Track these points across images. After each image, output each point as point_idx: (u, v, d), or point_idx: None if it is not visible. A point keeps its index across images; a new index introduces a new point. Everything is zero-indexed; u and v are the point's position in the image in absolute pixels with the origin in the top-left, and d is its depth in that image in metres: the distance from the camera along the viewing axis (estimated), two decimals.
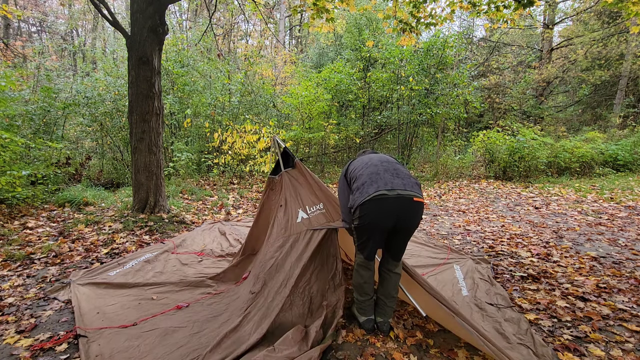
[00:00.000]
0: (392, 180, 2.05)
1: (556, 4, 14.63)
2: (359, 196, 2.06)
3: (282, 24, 15.51)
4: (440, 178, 9.81)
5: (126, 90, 6.97)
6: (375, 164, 2.21)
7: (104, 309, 2.48)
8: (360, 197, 2.05)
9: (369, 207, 2.01)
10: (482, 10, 4.76)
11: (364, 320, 2.27)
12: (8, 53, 9.30)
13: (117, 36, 14.05)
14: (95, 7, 4.57)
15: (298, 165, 2.97)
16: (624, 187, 7.58)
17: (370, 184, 2.06)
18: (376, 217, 2.02)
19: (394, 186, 2.01)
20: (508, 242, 4.26)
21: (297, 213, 2.73)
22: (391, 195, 1.99)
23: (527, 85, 14.40)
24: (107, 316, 2.38)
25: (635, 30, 4.52)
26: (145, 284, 2.87)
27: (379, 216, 2.02)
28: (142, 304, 2.56)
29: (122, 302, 2.57)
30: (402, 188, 2.01)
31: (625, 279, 3.10)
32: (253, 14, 11.45)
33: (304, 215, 2.71)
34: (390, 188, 2.00)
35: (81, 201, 5.53)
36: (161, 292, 2.76)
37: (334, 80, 10.02)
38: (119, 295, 2.69)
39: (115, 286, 2.83)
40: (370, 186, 2.05)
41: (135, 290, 2.78)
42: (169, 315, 2.39)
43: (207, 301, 2.61)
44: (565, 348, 2.11)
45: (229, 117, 9.21)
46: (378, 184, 2.03)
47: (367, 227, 2.08)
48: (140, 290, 2.78)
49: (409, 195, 2.01)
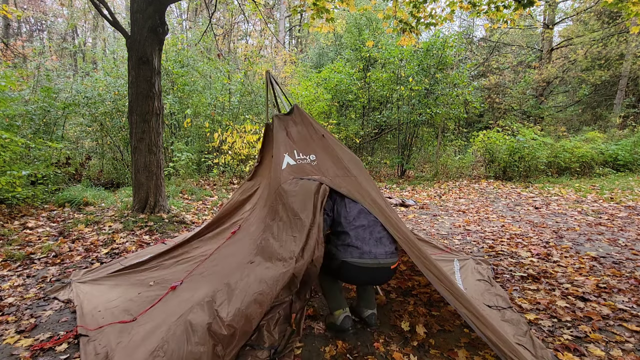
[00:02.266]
0: (375, 250, 2.16)
1: (556, 4, 14.64)
2: (342, 253, 2.15)
3: (282, 24, 15.52)
4: (440, 178, 9.81)
5: (126, 90, 6.97)
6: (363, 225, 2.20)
7: (105, 305, 2.45)
8: (344, 255, 2.14)
9: (350, 268, 2.14)
10: (482, 11, 4.76)
11: (343, 317, 2.20)
12: (8, 53, 9.30)
13: (117, 36, 14.05)
14: (95, 7, 4.57)
15: (296, 109, 2.71)
16: (624, 187, 7.58)
17: (355, 248, 2.14)
18: (354, 278, 2.22)
19: (377, 256, 2.14)
20: (508, 242, 4.26)
21: (282, 159, 2.40)
22: (372, 264, 2.13)
23: (527, 85, 14.41)
24: (109, 312, 2.36)
25: (635, 30, 4.52)
26: (144, 269, 2.83)
27: (357, 277, 2.21)
28: (142, 293, 2.52)
29: (123, 296, 2.54)
30: (383, 257, 2.15)
31: (625, 279, 3.10)
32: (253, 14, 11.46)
33: (291, 161, 2.41)
34: (374, 257, 2.13)
35: (81, 201, 5.53)
36: (159, 275, 2.70)
37: (333, 80, 10.03)
38: (120, 286, 2.67)
39: (115, 278, 2.81)
40: (354, 250, 2.14)
41: (134, 278, 2.74)
42: (165, 302, 2.33)
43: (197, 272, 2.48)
44: (565, 348, 2.11)
45: (229, 117, 9.21)
46: (362, 250, 2.13)
47: (345, 278, 2.24)
48: (139, 277, 2.74)
49: (387, 264, 2.16)
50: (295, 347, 2.11)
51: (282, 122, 2.73)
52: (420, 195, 7.61)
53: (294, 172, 2.40)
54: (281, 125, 2.70)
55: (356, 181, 2.39)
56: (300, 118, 2.73)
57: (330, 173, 2.42)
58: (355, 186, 2.35)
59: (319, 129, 2.69)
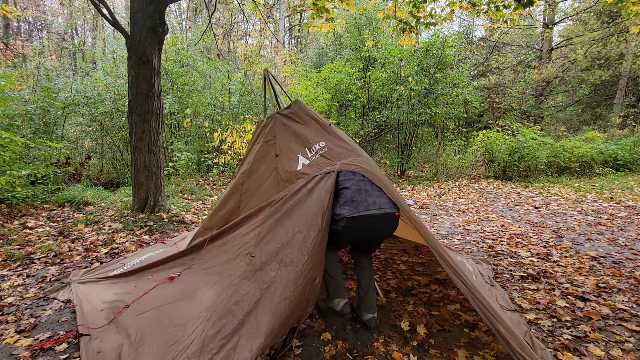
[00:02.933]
0: (380, 200, 2.16)
1: (556, 4, 14.63)
2: (348, 209, 2.13)
3: (282, 24, 15.51)
4: (440, 178, 9.81)
5: (126, 90, 6.97)
6: (363, 179, 2.23)
7: (105, 304, 2.46)
8: (350, 212, 2.12)
9: (356, 224, 2.12)
10: (482, 11, 4.76)
11: (344, 304, 2.30)
12: (8, 53, 9.29)
13: (117, 36, 14.05)
14: (95, 7, 4.57)
15: (297, 104, 2.66)
16: (624, 187, 7.58)
17: (359, 203, 2.14)
18: (361, 233, 2.19)
19: (382, 205, 2.14)
20: (508, 242, 4.26)
21: (297, 160, 2.42)
22: (379, 214, 2.12)
23: (527, 85, 14.41)
24: (108, 310, 2.36)
25: (635, 30, 4.52)
26: (143, 268, 2.80)
27: (364, 232, 2.18)
28: (138, 286, 2.51)
29: (120, 292, 2.54)
30: (388, 207, 2.15)
31: (625, 279, 3.10)
32: (253, 14, 11.46)
33: (305, 161, 2.42)
34: (379, 207, 2.13)
35: (81, 201, 5.53)
36: (156, 270, 2.68)
37: (333, 80, 10.03)
38: (119, 284, 2.67)
39: (114, 279, 2.81)
40: (360, 204, 2.13)
41: (134, 277, 2.74)
42: (160, 289, 2.31)
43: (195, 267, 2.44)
44: (565, 348, 2.11)
45: (229, 117, 9.21)
46: (367, 203, 2.13)
47: (350, 237, 2.21)
48: (138, 275, 2.73)
49: (393, 212, 2.16)
50: (295, 346, 2.11)
51: (287, 119, 2.66)
52: (420, 195, 7.61)
53: (310, 170, 2.40)
54: (287, 123, 2.64)
55: (367, 161, 2.43)
56: (305, 112, 2.69)
57: (341, 158, 2.44)
58: (365, 164, 2.38)
59: (324, 121, 2.67)
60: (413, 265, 3.47)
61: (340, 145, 2.51)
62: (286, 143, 2.56)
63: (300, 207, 2.20)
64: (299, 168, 2.42)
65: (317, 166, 2.41)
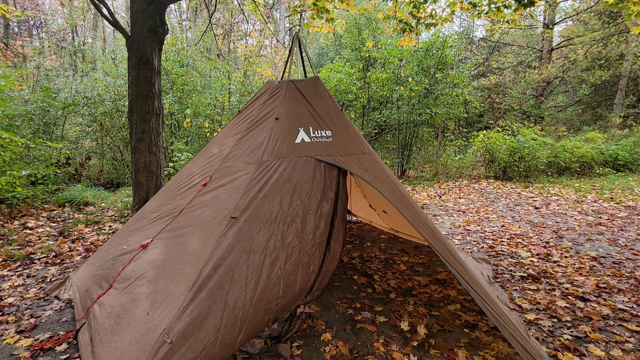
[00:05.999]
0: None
1: (556, 4, 14.63)
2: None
3: (282, 24, 15.50)
4: (440, 178, 9.81)
5: (126, 90, 6.97)
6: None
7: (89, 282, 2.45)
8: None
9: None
10: (482, 11, 4.76)
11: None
12: (8, 53, 9.29)
13: (117, 36, 14.04)
14: (95, 7, 4.57)
15: (316, 80, 2.52)
16: (624, 187, 7.58)
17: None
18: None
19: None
20: (508, 242, 4.26)
21: (296, 132, 2.25)
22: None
23: (527, 85, 14.40)
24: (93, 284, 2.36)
25: (635, 30, 4.52)
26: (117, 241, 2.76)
27: None
28: (117, 259, 2.45)
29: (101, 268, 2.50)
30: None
31: (625, 279, 3.10)
32: (253, 14, 11.46)
33: (306, 137, 2.25)
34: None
35: (81, 201, 5.52)
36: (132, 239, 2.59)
37: (333, 80, 10.02)
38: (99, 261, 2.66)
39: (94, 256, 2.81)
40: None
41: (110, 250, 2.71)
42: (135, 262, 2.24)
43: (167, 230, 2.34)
44: (565, 348, 2.11)
45: (228, 117, 9.21)
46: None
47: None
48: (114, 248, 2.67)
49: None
50: (296, 346, 2.11)
51: (300, 91, 2.51)
52: (420, 195, 7.61)
53: (308, 149, 2.29)
54: (299, 94, 2.49)
55: (372, 158, 2.39)
56: (322, 89, 2.57)
57: (345, 151, 2.35)
58: (369, 164, 2.34)
59: (338, 106, 2.57)
60: (413, 265, 3.47)
61: (349, 136, 2.43)
62: (290, 112, 2.41)
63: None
64: (296, 141, 2.28)
65: (316, 150, 2.29)
